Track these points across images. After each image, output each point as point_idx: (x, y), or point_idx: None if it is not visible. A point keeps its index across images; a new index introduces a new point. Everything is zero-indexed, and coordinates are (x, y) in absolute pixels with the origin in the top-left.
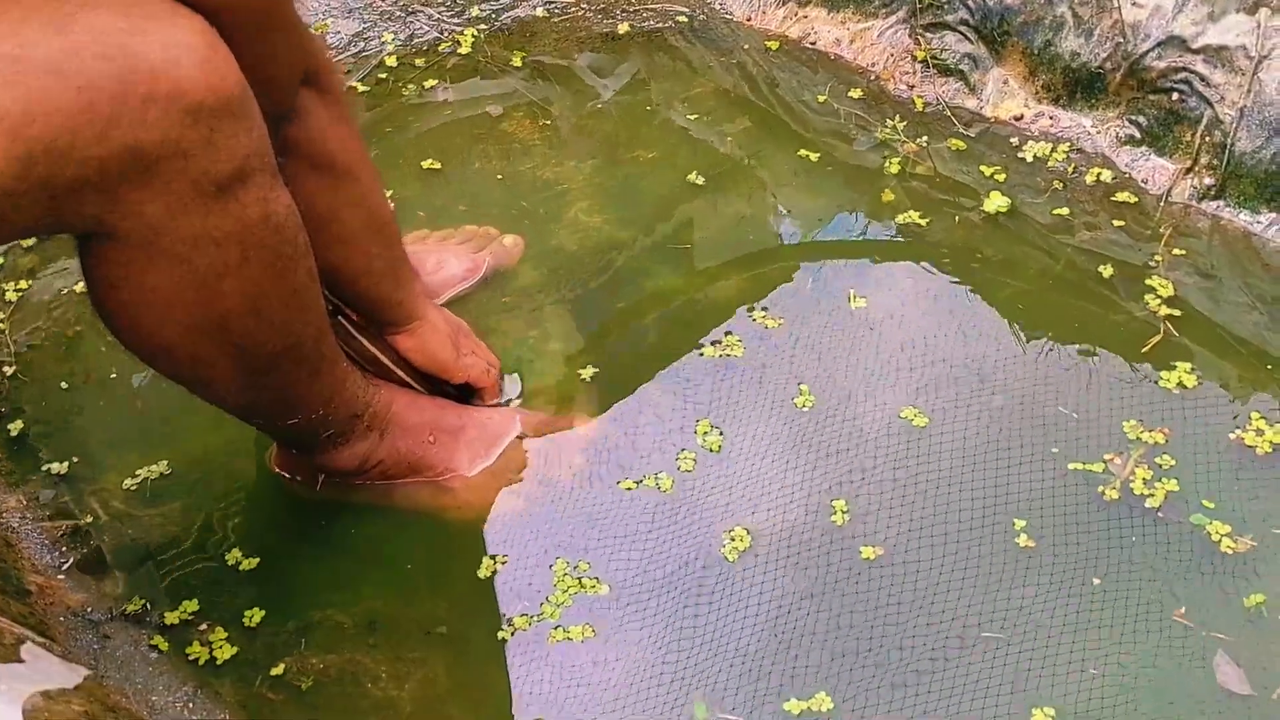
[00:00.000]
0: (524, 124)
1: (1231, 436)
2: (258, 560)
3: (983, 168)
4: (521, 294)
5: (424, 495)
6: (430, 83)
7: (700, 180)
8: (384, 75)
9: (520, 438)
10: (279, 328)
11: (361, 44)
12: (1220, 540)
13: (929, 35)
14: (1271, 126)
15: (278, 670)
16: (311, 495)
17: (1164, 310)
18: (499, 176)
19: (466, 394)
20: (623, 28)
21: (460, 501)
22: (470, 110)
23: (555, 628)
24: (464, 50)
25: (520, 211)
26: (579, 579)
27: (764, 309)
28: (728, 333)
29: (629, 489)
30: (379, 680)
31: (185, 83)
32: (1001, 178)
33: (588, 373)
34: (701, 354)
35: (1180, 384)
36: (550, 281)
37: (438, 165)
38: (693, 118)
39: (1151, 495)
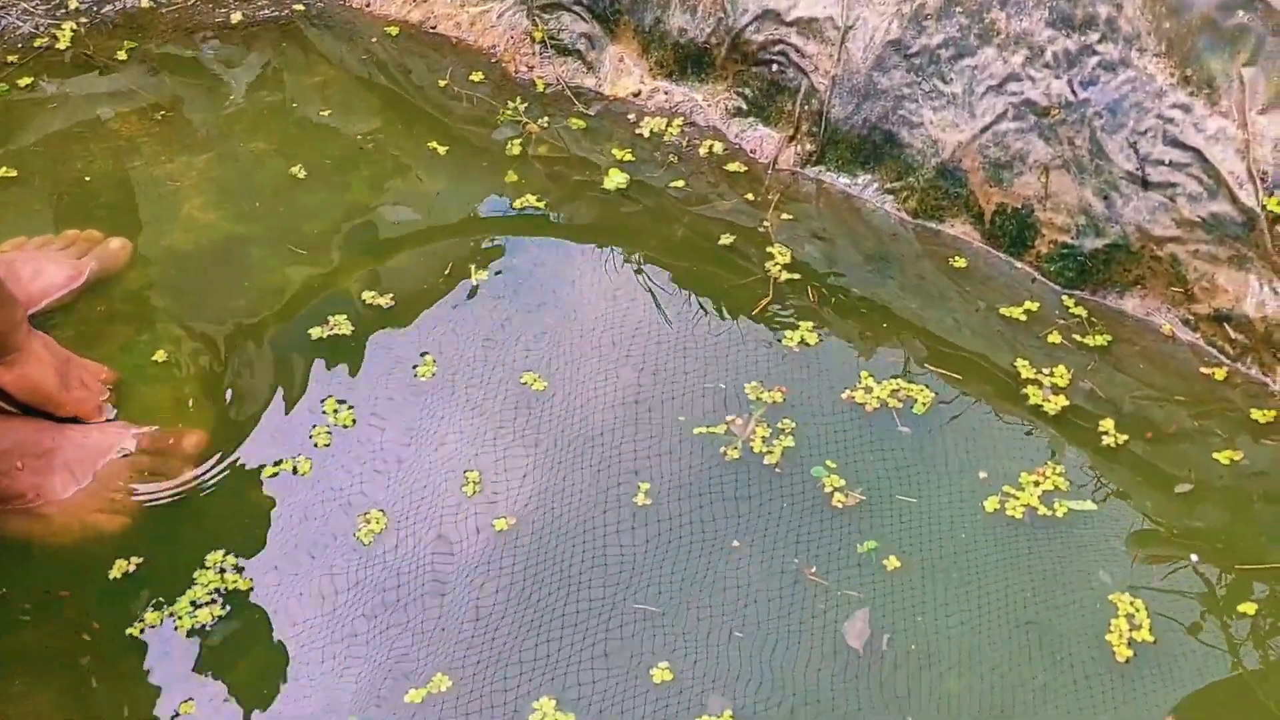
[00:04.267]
0: (132, 121)
1: (844, 395)
2: None
3: (603, 145)
4: (130, 299)
5: (14, 524)
6: (24, 81)
7: (303, 174)
8: None
9: (124, 455)
10: None
11: None
12: (833, 494)
13: (546, 16)
14: (860, 93)
15: None
16: None
17: (785, 275)
18: (104, 176)
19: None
20: (236, 17)
21: (55, 528)
22: (76, 108)
23: (191, 630)
24: (62, 45)
25: (128, 213)
26: (221, 572)
27: (381, 291)
28: (339, 314)
29: (271, 474)
30: None
31: None
32: (620, 154)
33: (199, 375)
34: (312, 336)
35: (803, 342)
36: (161, 284)
37: (14, 173)
38: (326, 112)
39: (770, 453)
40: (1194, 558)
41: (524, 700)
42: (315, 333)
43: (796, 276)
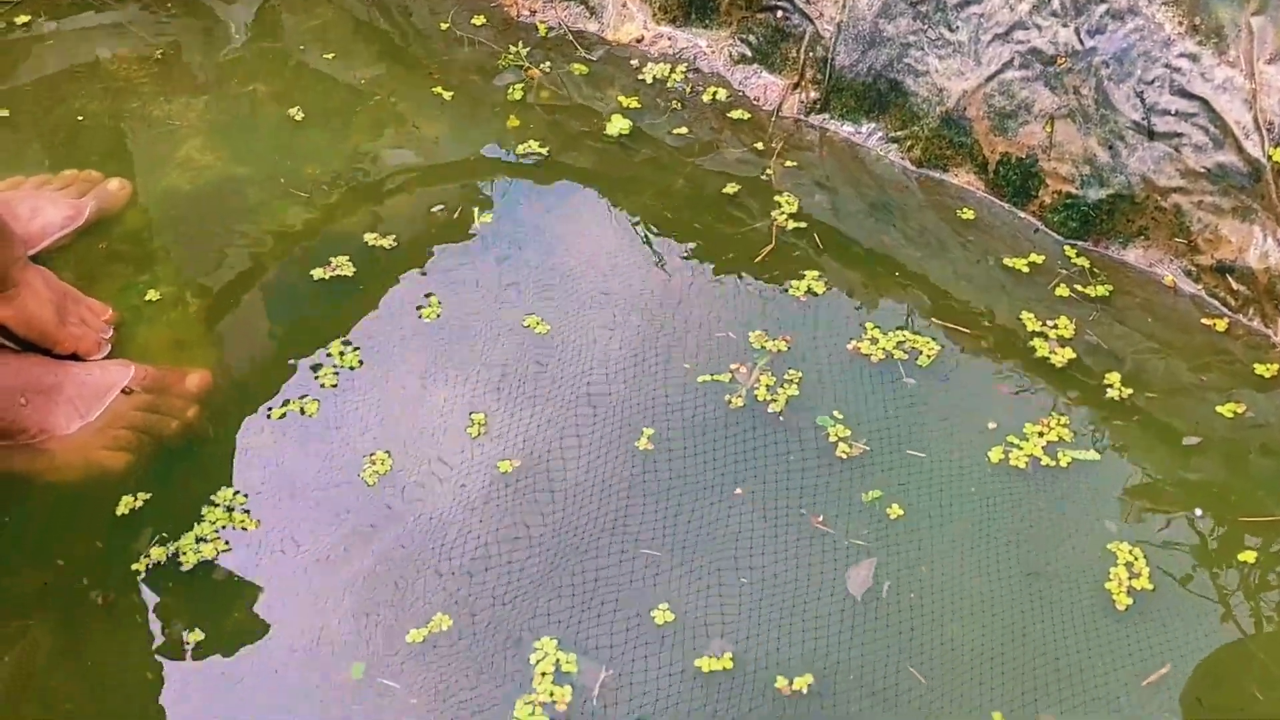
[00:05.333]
0: (130, 61)
1: (849, 346)
2: None
3: (605, 91)
4: (129, 239)
5: (19, 461)
6: (22, 19)
7: (301, 116)
8: None
9: (128, 391)
10: None
11: None
12: (837, 444)
13: None
14: (865, 40)
15: None
16: None
17: (791, 224)
18: (101, 116)
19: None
20: None
21: (59, 463)
22: (73, 46)
23: (194, 567)
24: None
25: (126, 154)
26: (229, 510)
27: (382, 233)
28: (340, 255)
29: (279, 417)
30: None
31: None
32: (624, 100)
33: (200, 315)
34: (314, 277)
35: (809, 291)
36: (161, 224)
37: (6, 112)
38: (327, 55)
39: (774, 401)
40: (1198, 511)
41: (525, 640)
42: (317, 274)
43: (802, 225)
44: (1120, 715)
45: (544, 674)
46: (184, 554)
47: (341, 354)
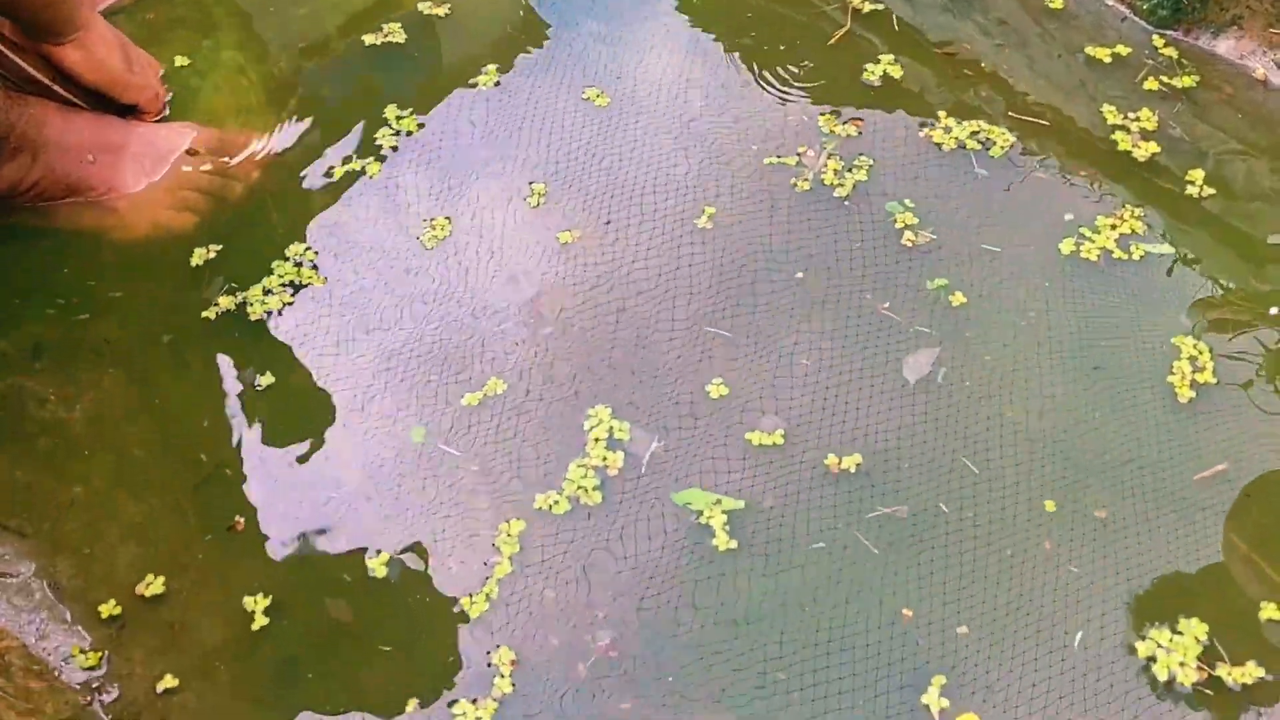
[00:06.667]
0: None
1: (921, 133)
2: None
3: None
4: (192, 4)
5: (87, 217)
6: None
7: None
8: None
9: (192, 152)
10: None
11: None
12: (904, 232)
13: None
14: None
15: None
16: None
17: (867, 6)
18: None
19: (129, 112)
20: None
21: (126, 221)
22: None
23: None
24: None
25: None
26: (298, 265)
27: (438, 2)
28: (393, 22)
29: (341, 177)
30: (45, 403)
31: None
32: None
33: (262, 80)
34: (365, 43)
35: (885, 75)
36: None
37: None
38: None
39: (840, 186)
40: (1273, 310)
41: (579, 407)
42: (368, 39)
43: (879, 6)
44: (1172, 507)
45: (597, 440)
46: (251, 304)
47: (399, 118)
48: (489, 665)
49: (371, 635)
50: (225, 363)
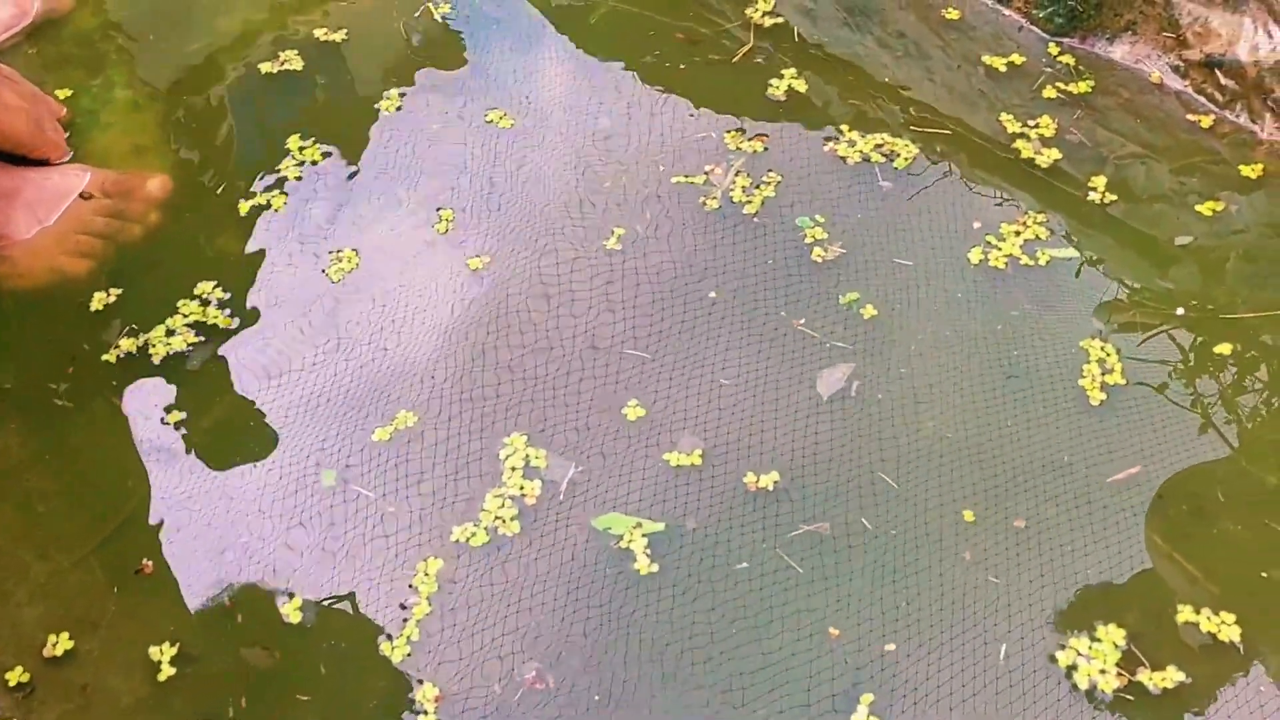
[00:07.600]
0: None
1: (825, 148)
2: None
3: None
4: (81, 41)
5: None
6: None
7: None
8: None
9: (86, 196)
10: None
11: None
12: (814, 247)
13: None
14: None
15: None
16: None
17: (768, 21)
18: None
19: (22, 161)
20: None
21: (20, 269)
22: None
23: (165, 356)
24: None
25: None
26: (204, 303)
27: (333, 27)
28: (289, 50)
29: (245, 211)
30: None
31: None
32: None
33: (156, 117)
34: (261, 71)
35: (790, 90)
36: (116, 25)
37: None
38: None
39: (750, 203)
40: (1179, 310)
41: (494, 437)
42: (265, 68)
43: (780, 20)
44: (1088, 512)
45: (514, 469)
46: (154, 345)
47: (301, 149)
48: (413, 705)
49: (289, 683)
50: (129, 407)
